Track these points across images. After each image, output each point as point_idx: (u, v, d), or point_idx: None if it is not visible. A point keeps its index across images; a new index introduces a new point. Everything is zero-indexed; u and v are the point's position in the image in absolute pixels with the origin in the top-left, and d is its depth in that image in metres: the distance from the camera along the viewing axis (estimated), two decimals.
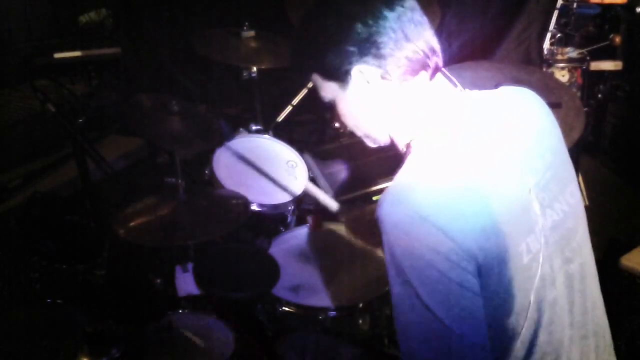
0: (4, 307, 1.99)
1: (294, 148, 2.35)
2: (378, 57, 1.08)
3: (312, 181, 2.27)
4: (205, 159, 2.31)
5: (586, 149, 3.61)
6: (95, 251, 2.17)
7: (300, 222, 2.32)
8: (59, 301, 1.77)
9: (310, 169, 2.35)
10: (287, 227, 2.29)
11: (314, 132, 3.57)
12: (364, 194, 2.41)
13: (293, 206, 2.29)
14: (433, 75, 1.14)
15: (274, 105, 3.12)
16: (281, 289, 1.87)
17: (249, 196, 2.09)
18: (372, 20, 1.06)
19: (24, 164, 3.05)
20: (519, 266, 1.02)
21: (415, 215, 0.96)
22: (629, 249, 2.20)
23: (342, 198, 2.37)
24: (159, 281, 2.12)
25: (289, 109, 3.04)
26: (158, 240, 1.86)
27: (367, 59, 1.08)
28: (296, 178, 2.27)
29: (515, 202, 1.04)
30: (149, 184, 2.48)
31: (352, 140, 2.65)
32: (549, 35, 3.12)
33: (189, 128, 2.05)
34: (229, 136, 2.31)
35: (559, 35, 3.14)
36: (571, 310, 1.12)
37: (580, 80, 3.09)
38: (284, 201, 2.24)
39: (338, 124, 2.72)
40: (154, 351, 1.71)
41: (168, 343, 1.73)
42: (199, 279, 1.90)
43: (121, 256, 2.21)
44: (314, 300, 1.87)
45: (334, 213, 1.92)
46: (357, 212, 1.81)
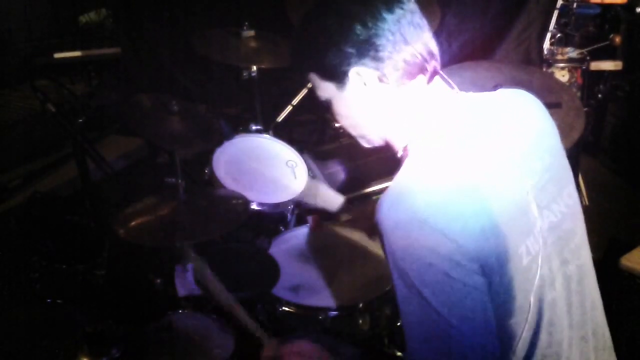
0: (4, 307, 1.99)
1: (294, 148, 2.35)
2: (376, 59, 1.08)
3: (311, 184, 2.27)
4: (205, 159, 2.31)
5: (586, 149, 3.61)
6: (95, 251, 2.17)
7: (300, 222, 2.32)
8: (59, 301, 1.77)
9: (310, 169, 2.35)
10: (287, 227, 2.29)
11: (314, 132, 3.57)
12: (364, 194, 2.41)
13: (293, 206, 2.29)
14: (431, 79, 1.14)
15: (274, 105, 3.12)
16: (281, 289, 1.87)
17: (249, 196, 2.08)
18: (371, 22, 1.06)
19: (24, 164, 3.05)
20: (519, 267, 1.01)
21: (415, 217, 0.96)
22: (629, 249, 2.19)
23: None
24: (159, 281, 2.11)
25: (289, 109, 3.04)
26: (158, 240, 1.86)
27: (365, 60, 1.08)
28: (296, 178, 2.27)
29: (514, 204, 1.04)
30: (149, 184, 2.48)
31: (352, 140, 2.62)
32: (549, 35, 3.12)
33: (189, 128, 2.05)
34: (229, 136, 2.31)
35: (559, 35, 3.14)
36: (570, 311, 1.12)
37: (580, 80, 3.09)
38: (283, 201, 2.24)
39: (335, 123, 2.72)
40: (154, 351, 1.71)
41: (168, 343, 1.73)
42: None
43: (121, 256, 2.21)
44: (314, 300, 1.87)
45: (336, 210, 1.93)
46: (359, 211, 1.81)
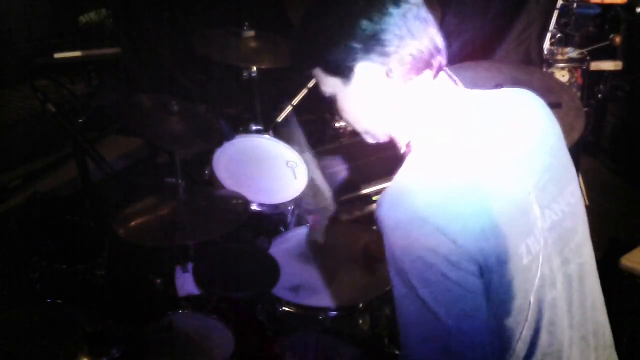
0: (4, 307, 1.99)
1: (294, 148, 2.35)
2: (383, 54, 1.06)
3: (312, 181, 2.27)
4: (205, 159, 2.31)
5: (586, 149, 3.61)
6: (95, 251, 2.17)
7: (300, 222, 2.32)
8: (59, 301, 1.77)
9: (310, 169, 2.34)
10: (287, 227, 2.29)
11: (314, 132, 3.56)
12: (364, 194, 2.41)
13: (293, 206, 2.29)
14: (436, 74, 1.13)
15: (274, 105, 3.11)
16: (281, 289, 1.87)
17: (249, 196, 2.09)
18: (377, 16, 1.05)
19: (24, 164, 3.05)
20: (519, 267, 1.01)
21: (415, 216, 0.95)
22: (629, 249, 2.20)
23: (342, 198, 2.37)
24: (159, 281, 2.12)
25: (289, 109, 3.04)
26: (158, 240, 1.86)
27: (371, 55, 1.07)
28: (296, 178, 2.27)
29: (515, 204, 1.03)
30: (149, 184, 2.47)
31: (352, 140, 2.65)
32: (549, 35, 3.12)
33: (189, 128, 2.05)
34: (229, 136, 2.31)
35: (559, 35, 3.14)
36: (570, 310, 1.12)
37: (580, 80, 3.09)
38: (284, 201, 2.24)
39: (339, 119, 2.72)
40: (154, 351, 1.71)
41: (168, 343, 1.73)
42: (199, 279, 1.90)
43: (121, 256, 2.21)
44: (314, 300, 1.87)
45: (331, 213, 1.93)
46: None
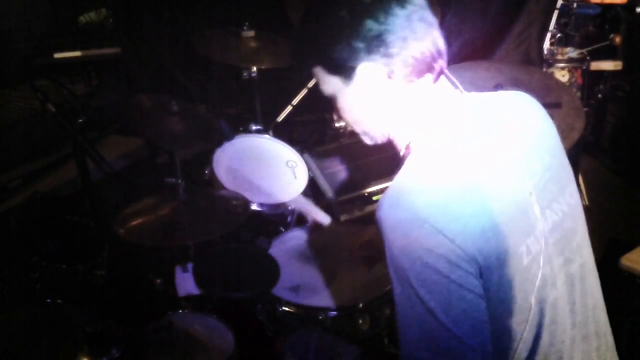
0: (4, 307, 1.99)
1: (294, 148, 2.35)
2: (386, 55, 1.06)
3: (312, 181, 2.27)
4: (205, 159, 2.31)
5: (586, 149, 3.61)
6: (95, 251, 2.17)
7: (300, 222, 2.32)
8: (59, 301, 1.77)
9: (310, 169, 2.34)
10: (287, 227, 2.29)
11: (314, 132, 3.56)
12: (364, 194, 2.40)
13: (293, 206, 2.29)
14: (437, 78, 1.13)
15: (274, 105, 3.11)
16: (281, 289, 1.87)
17: (249, 196, 2.09)
18: (383, 17, 1.04)
19: (24, 164, 3.05)
20: (519, 268, 1.01)
21: (414, 217, 0.96)
22: (629, 249, 2.19)
23: (342, 198, 2.37)
24: (159, 281, 2.12)
25: (289, 109, 3.04)
26: (158, 240, 1.86)
27: (374, 56, 1.06)
28: (296, 178, 2.27)
29: (514, 204, 1.03)
30: (149, 184, 2.47)
31: (352, 140, 2.65)
32: (549, 35, 3.12)
33: (189, 128, 2.05)
34: (229, 136, 2.31)
35: (559, 35, 3.14)
36: (572, 310, 1.12)
37: (580, 80, 3.08)
38: (283, 201, 2.23)
39: (338, 119, 2.71)
40: (154, 351, 1.71)
41: (168, 343, 1.73)
42: (199, 279, 1.90)
43: (121, 256, 2.21)
44: (314, 300, 1.87)
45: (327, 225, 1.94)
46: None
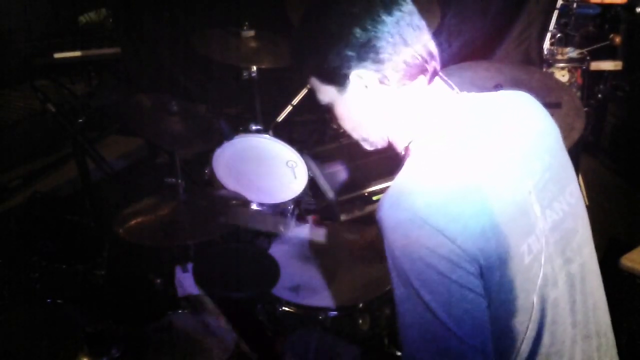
0: (4, 307, 1.99)
1: (294, 148, 2.35)
2: (376, 61, 1.08)
3: (312, 181, 2.27)
4: (205, 159, 2.31)
5: (586, 149, 3.61)
6: (95, 251, 2.17)
7: (300, 222, 2.31)
8: (59, 301, 1.77)
9: (310, 169, 2.34)
10: (287, 227, 2.29)
11: (314, 132, 3.56)
12: (364, 194, 2.40)
13: (293, 206, 2.29)
14: (431, 80, 1.14)
15: (274, 105, 3.11)
16: (281, 289, 1.87)
17: (249, 196, 2.08)
18: (370, 25, 1.06)
19: (24, 164, 3.05)
20: (520, 267, 1.01)
21: (415, 217, 0.96)
22: (629, 249, 2.19)
23: (342, 198, 2.37)
24: (159, 281, 2.12)
25: (289, 109, 3.03)
26: (158, 240, 1.86)
27: (365, 63, 1.08)
28: (296, 178, 2.27)
29: (515, 204, 1.03)
30: (149, 184, 2.48)
31: (352, 140, 2.61)
32: (549, 35, 3.12)
33: (189, 128, 2.05)
34: (229, 136, 2.31)
35: (559, 35, 3.14)
36: (573, 310, 1.12)
37: (580, 80, 3.08)
38: (283, 201, 2.23)
39: (336, 125, 2.72)
40: (154, 351, 1.71)
41: (168, 343, 1.73)
42: (199, 279, 1.90)
43: (121, 256, 2.21)
44: (314, 300, 1.87)
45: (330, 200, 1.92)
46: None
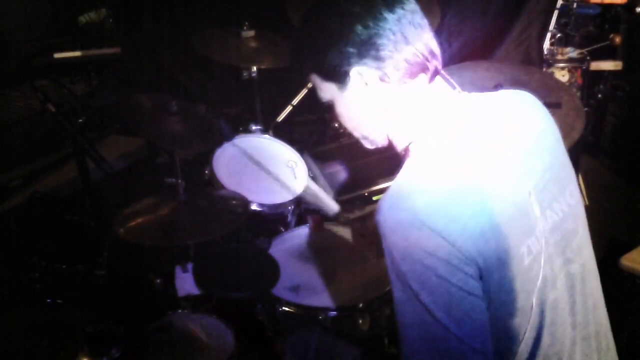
0: (4, 307, 1.99)
1: (294, 148, 2.35)
2: (377, 59, 1.07)
3: (312, 180, 2.27)
4: (205, 159, 2.31)
5: (586, 149, 3.61)
6: (95, 251, 2.17)
7: (300, 222, 2.32)
8: (59, 301, 1.77)
9: (310, 169, 2.35)
10: (287, 227, 2.29)
11: (314, 132, 3.57)
12: (364, 194, 2.41)
13: (293, 206, 2.29)
14: (432, 78, 1.13)
15: (274, 105, 3.12)
16: (281, 289, 1.87)
17: (249, 196, 2.09)
18: (372, 22, 1.06)
19: (24, 164, 3.05)
20: (520, 268, 1.01)
21: (414, 219, 0.95)
22: (629, 249, 2.19)
23: (342, 198, 2.37)
24: (159, 281, 2.12)
25: (289, 109, 3.04)
26: (158, 240, 1.86)
27: (366, 60, 1.08)
28: (296, 178, 2.27)
29: (515, 205, 1.03)
30: (149, 184, 2.48)
31: (352, 140, 2.64)
32: (549, 35, 3.12)
33: (189, 128, 2.05)
34: (229, 136, 2.31)
35: (559, 35, 3.14)
36: (572, 311, 1.12)
37: (580, 80, 3.08)
38: (284, 201, 2.24)
39: (337, 124, 2.72)
40: (154, 351, 1.71)
41: (168, 343, 1.73)
42: (199, 279, 1.90)
43: (121, 256, 2.21)
44: (314, 300, 1.87)
45: (334, 215, 1.92)
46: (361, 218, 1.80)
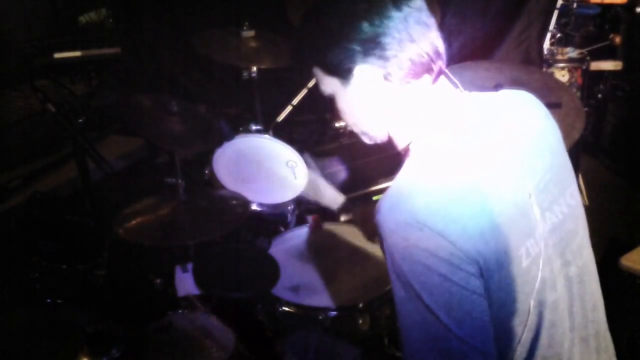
0: (4, 307, 1.99)
1: (294, 148, 2.35)
2: (382, 57, 1.06)
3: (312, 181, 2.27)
4: (205, 159, 2.31)
5: (586, 149, 3.61)
6: (95, 251, 2.17)
7: (300, 222, 2.32)
8: (59, 301, 1.77)
9: (310, 169, 2.35)
10: (287, 227, 2.29)
11: (314, 132, 3.57)
12: (364, 194, 2.41)
13: (293, 206, 2.29)
14: (436, 79, 1.12)
15: (274, 105, 3.12)
16: (281, 289, 1.87)
17: (249, 196, 2.09)
18: (378, 19, 1.05)
19: (24, 164, 3.05)
20: (519, 270, 1.01)
21: (414, 220, 0.95)
22: (629, 249, 2.19)
23: None
24: (159, 281, 2.12)
25: (289, 109, 3.04)
26: (158, 240, 1.86)
27: (370, 58, 1.07)
28: (296, 178, 2.27)
29: (515, 205, 1.03)
30: (149, 184, 2.48)
31: (352, 140, 2.65)
32: (549, 35, 3.12)
33: (189, 128, 2.05)
34: (229, 136, 2.31)
35: (559, 35, 3.14)
36: (571, 312, 1.12)
37: (580, 80, 3.08)
38: (284, 201, 2.24)
39: (337, 120, 2.72)
40: (154, 351, 1.71)
41: (168, 343, 1.73)
42: (198, 279, 1.90)
43: (121, 256, 2.21)
44: (314, 300, 1.87)
45: (338, 207, 1.91)
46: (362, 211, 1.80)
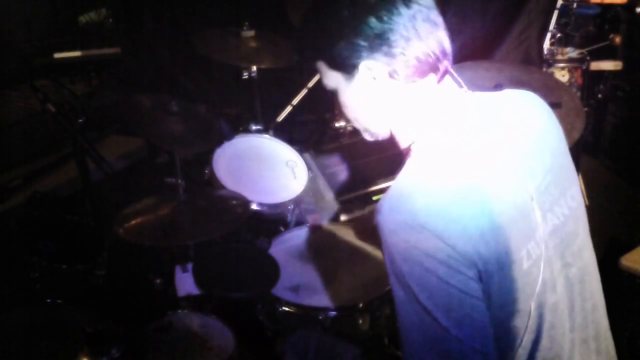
0: (4, 307, 1.99)
1: (294, 148, 2.35)
2: (388, 54, 1.05)
3: (312, 181, 2.28)
4: (205, 159, 2.31)
5: (586, 149, 3.61)
6: (95, 251, 2.17)
7: (300, 222, 2.32)
8: (59, 301, 1.77)
9: (310, 169, 2.35)
10: (287, 227, 2.29)
11: (314, 132, 3.57)
12: (364, 194, 2.41)
13: (293, 206, 2.29)
14: (441, 78, 1.12)
15: (274, 105, 3.12)
16: (281, 289, 1.87)
17: (249, 196, 2.09)
18: (387, 16, 1.03)
19: (24, 164, 3.05)
20: (520, 272, 1.01)
21: (413, 222, 0.95)
22: (629, 249, 2.19)
23: (342, 198, 2.37)
24: (159, 281, 2.12)
25: (289, 109, 3.04)
26: (158, 240, 1.86)
27: (376, 55, 1.06)
28: (296, 178, 2.27)
29: (515, 206, 1.02)
30: (149, 184, 2.48)
31: (352, 140, 2.65)
32: (549, 35, 3.12)
33: (189, 128, 2.05)
34: (229, 136, 2.31)
35: (559, 35, 3.13)
36: (571, 314, 1.12)
37: (580, 80, 3.08)
38: (283, 201, 2.24)
39: (339, 114, 2.72)
40: (154, 351, 1.71)
41: (168, 343, 1.73)
42: (199, 279, 1.90)
43: (121, 256, 2.21)
44: (314, 300, 1.86)
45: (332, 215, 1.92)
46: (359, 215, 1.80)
